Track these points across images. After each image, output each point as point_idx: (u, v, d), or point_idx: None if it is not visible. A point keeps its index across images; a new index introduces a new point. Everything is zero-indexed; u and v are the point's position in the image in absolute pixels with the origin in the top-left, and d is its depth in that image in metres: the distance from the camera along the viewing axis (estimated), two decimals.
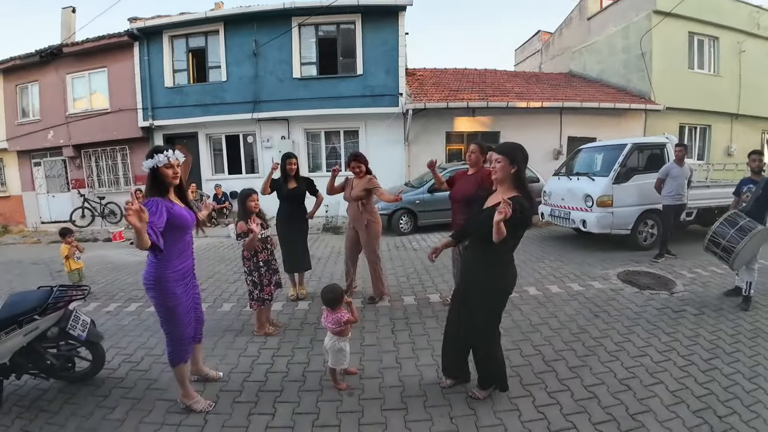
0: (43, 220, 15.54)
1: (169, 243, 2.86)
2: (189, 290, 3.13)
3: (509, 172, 2.82)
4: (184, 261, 3.07)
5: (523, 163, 2.84)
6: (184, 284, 3.06)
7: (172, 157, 2.91)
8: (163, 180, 2.91)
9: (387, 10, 12.66)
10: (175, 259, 2.96)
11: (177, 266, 2.97)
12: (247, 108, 13.16)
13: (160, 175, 2.90)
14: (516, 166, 2.81)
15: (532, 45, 23.64)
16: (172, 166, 2.93)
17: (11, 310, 3.23)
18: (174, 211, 2.87)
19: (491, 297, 2.94)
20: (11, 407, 3.30)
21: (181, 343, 3.08)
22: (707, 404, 3.08)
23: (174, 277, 2.94)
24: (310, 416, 3.03)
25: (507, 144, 2.95)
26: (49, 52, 14.02)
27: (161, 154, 2.87)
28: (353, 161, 5.19)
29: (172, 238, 2.89)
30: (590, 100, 13.73)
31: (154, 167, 2.88)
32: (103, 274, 7.54)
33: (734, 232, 4.82)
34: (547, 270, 6.65)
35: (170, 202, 2.91)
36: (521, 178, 2.84)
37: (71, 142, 14.42)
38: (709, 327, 4.43)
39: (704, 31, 14.77)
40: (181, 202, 3.08)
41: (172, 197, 3.00)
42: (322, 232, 10.78)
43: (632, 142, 7.91)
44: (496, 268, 2.88)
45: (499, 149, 2.90)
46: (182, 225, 2.95)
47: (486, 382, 3.17)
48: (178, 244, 2.97)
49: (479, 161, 4.63)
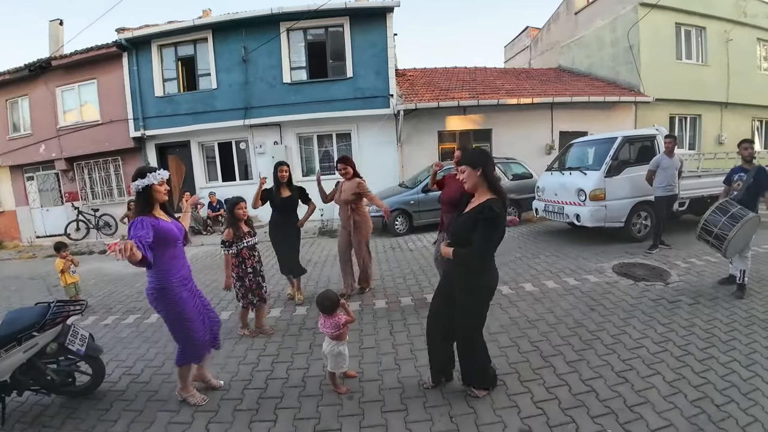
0: (38, 235, 15.45)
1: (162, 254, 2.97)
2: (194, 294, 3.24)
3: (476, 177, 2.90)
4: (181, 268, 3.16)
5: (485, 164, 2.90)
6: (188, 289, 3.17)
7: (164, 174, 3.08)
8: (153, 197, 3.04)
9: (375, 12, 12.71)
10: (171, 268, 3.07)
11: (176, 273, 3.09)
12: (239, 114, 13.15)
13: (152, 192, 3.03)
14: (479, 168, 2.88)
15: (521, 41, 23.72)
16: (163, 183, 3.09)
17: (10, 327, 3.23)
18: (160, 227, 2.97)
19: (472, 299, 2.98)
20: (14, 424, 3.30)
21: (193, 345, 3.20)
22: (705, 393, 3.10)
23: (176, 283, 3.07)
24: (312, 421, 3.04)
25: (466, 153, 3.11)
26: (37, 66, 13.95)
27: (152, 173, 3.01)
28: (340, 163, 5.55)
29: (162, 249, 2.99)
30: (580, 94, 13.78)
31: (148, 186, 3.00)
32: (99, 287, 7.52)
33: (726, 220, 4.86)
34: (542, 265, 6.68)
35: (155, 219, 3.01)
36: (491, 180, 2.90)
37: (63, 155, 14.34)
38: (705, 316, 4.47)
39: (691, 22, 14.86)
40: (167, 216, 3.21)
41: (158, 213, 3.11)
42: (317, 236, 10.78)
43: (622, 135, 7.96)
44: (475, 271, 2.93)
45: (461, 161, 3.07)
46: (170, 237, 3.06)
47: (471, 380, 3.21)
48: (169, 252, 3.07)
49: None
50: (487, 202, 2.81)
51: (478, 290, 2.96)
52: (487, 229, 2.75)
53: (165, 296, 3.03)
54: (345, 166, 5.50)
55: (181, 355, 3.22)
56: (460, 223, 2.97)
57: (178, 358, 3.25)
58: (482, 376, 3.19)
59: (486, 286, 2.99)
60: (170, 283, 3.04)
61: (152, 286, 3.04)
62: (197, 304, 3.27)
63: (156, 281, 3.03)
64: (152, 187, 3.02)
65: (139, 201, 3.02)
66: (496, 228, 2.78)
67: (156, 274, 3.02)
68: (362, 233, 5.60)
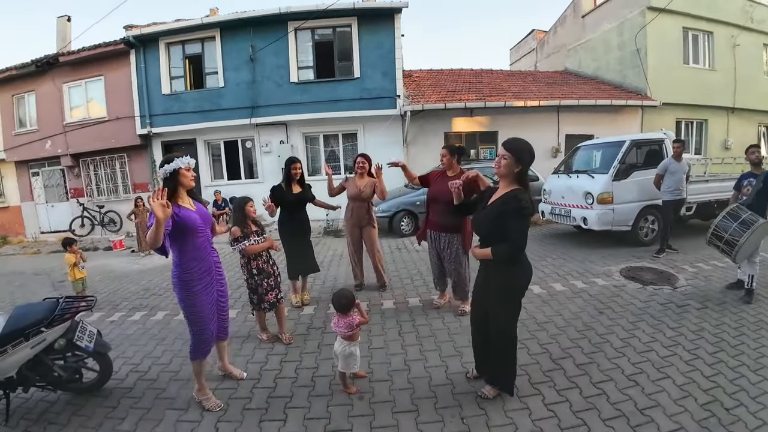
0: (42, 230, 15.50)
1: (183, 243, 2.99)
2: (210, 288, 3.22)
3: (513, 171, 2.83)
4: (201, 262, 3.13)
5: (528, 164, 2.86)
6: (205, 283, 3.15)
7: (191, 160, 3.09)
8: (180, 183, 3.04)
9: (383, 12, 12.70)
10: (191, 260, 3.07)
11: (193, 267, 3.07)
12: (245, 113, 13.16)
13: (179, 178, 3.02)
14: (521, 167, 2.83)
15: (527, 44, 23.67)
16: (190, 168, 3.09)
17: (17, 322, 3.21)
18: (180, 214, 2.94)
19: (507, 294, 2.97)
20: (18, 421, 3.29)
21: (201, 339, 3.20)
22: (714, 397, 3.11)
23: (192, 277, 3.07)
24: (322, 421, 3.04)
25: (516, 141, 2.87)
26: (45, 62, 14.00)
27: (176, 159, 3.00)
28: (360, 157, 5.60)
29: (183, 239, 3.00)
30: (587, 97, 13.76)
31: (175, 171, 2.99)
32: (105, 283, 7.54)
33: (737, 226, 4.84)
34: (549, 268, 6.67)
35: (177, 206, 2.97)
36: (523, 178, 2.87)
37: (69, 151, 14.39)
38: (713, 321, 4.46)
39: (698, 26, 14.80)
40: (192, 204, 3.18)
41: (182, 200, 3.09)
42: (322, 236, 10.77)
43: (630, 138, 7.94)
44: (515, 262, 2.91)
45: (507, 145, 2.86)
46: (190, 227, 3.01)
47: (496, 380, 3.19)
48: (190, 245, 3.06)
49: (452, 163, 4.74)
50: (512, 192, 2.80)
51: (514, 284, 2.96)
52: (517, 219, 2.73)
53: (181, 285, 3.07)
54: (364, 162, 5.56)
55: (193, 348, 3.24)
56: (483, 217, 2.96)
57: (190, 352, 3.27)
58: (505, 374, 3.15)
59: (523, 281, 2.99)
60: (187, 275, 3.05)
61: (173, 274, 3.11)
62: (211, 298, 3.24)
63: (175, 270, 3.08)
64: (179, 172, 3.02)
65: (166, 187, 2.95)
66: (525, 217, 2.76)
67: (176, 263, 3.06)
68: (375, 231, 5.70)
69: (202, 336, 3.20)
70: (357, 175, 5.60)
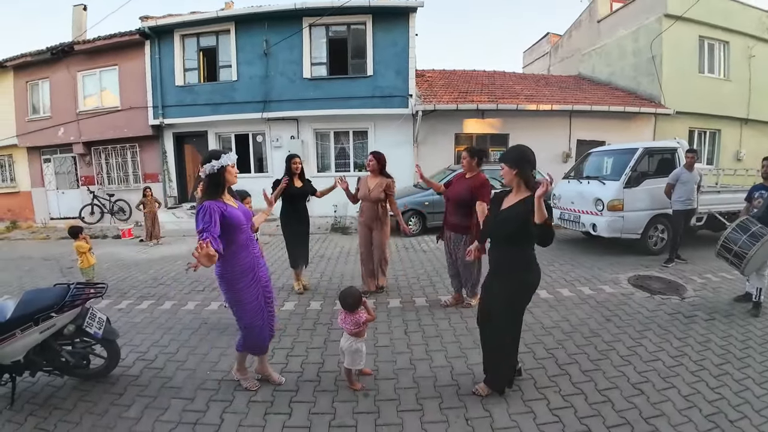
0: (52, 217, 15.64)
1: (228, 241, 2.93)
2: (256, 283, 3.18)
3: (513, 175, 2.98)
4: (247, 256, 3.11)
5: (521, 164, 2.96)
6: (250, 278, 3.12)
7: (234, 158, 3.04)
8: (224, 181, 3.00)
9: (398, 11, 12.68)
10: (241, 252, 3.05)
11: (243, 259, 3.06)
12: (257, 107, 13.20)
13: (225, 175, 2.98)
14: (516, 168, 2.96)
15: (541, 47, 23.59)
16: (234, 166, 3.05)
17: (27, 307, 3.23)
18: (228, 213, 2.92)
19: (515, 294, 3.02)
20: (23, 405, 3.31)
21: (254, 338, 3.22)
22: (719, 408, 3.09)
23: (240, 270, 3.05)
24: (327, 416, 3.05)
25: (510, 153, 3.12)
26: (60, 50, 14.09)
27: (223, 156, 2.96)
28: (371, 155, 5.50)
29: (229, 236, 2.94)
30: (600, 103, 13.65)
31: (222, 167, 2.95)
32: (113, 271, 7.59)
33: (746, 238, 4.81)
34: (557, 273, 6.66)
35: (223, 204, 2.95)
36: (527, 180, 2.96)
37: (81, 139, 14.49)
38: (720, 332, 4.44)
39: (714, 36, 14.68)
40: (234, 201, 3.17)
41: (226, 198, 3.06)
42: (330, 232, 10.77)
43: (643, 146, 7.89)
44: (521, 265, 2.99)
45: (503, 158, 3.10)
46: (235, 225, 2.99)
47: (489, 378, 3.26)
48: (236, 239, 3.02)
49: (472, 165, 4.80)
50: (530, 197, 2.82)
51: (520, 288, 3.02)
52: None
53: (229, 282, 3.05)
54: (372, 159, 5.44)
55: (242, 342, 3.28)
56: (502, 219, 3.01)
57: (238, 343, 3.31)
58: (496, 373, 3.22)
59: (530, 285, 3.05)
60: (236, 270, 3.04)
61: (218, 272, 3.06)
62: (259, 294, 3.20)
63: (222, 267, 3.03)
64: (225, 169, 2.98)
65: (210, 183, 2.97)
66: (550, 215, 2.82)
67: (222, 260, 2.96)
68: (385, 232, 5.59)
69: (253, 332, 3.21)
70: (370, 175, 5.57)
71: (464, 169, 4.90)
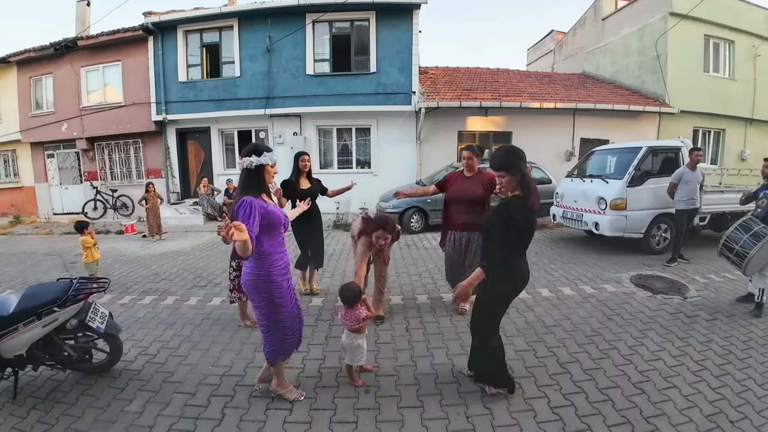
0: (55, 212, 15.68)
1: (267, 240, 2.86)
2: (291, 287, 3.11)
3: (517, 181, 2.81)
4: (284, 257, 3.03)
5: (521, 168, 2.82)
6: (288, 279, 3.04)
7: (274, 158, 2.95)
8: (262, 179, 2.91)
9: (401, 8, 12.62)
10: (276, 254, 2.94)
11: (278, 261, 2.95)
12: (260, 104, 13.20)
13: (263, 173, 2.90)
14: (519, 173, 2.81)
15: (545, 45, 23.51)
16: (274, 166, 2.97)
17: (30, 301, 3.25)
18: (268, 211, 2.83)
19: (489, 299, 3.04)
20: (26, 398, 3.34)
21: (282, 342, 3.07)
22: (720, 409, 3.10)
23: (277, 272, 2.93)
24: (328, 412, 3.06)
25: (499, 159, 2.91)
26: (63, 45, 14.09)
27: (265, 153, 2.87)
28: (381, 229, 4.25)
29: (268, 235, 2.87)
30: (604, 101, 13.60)
31: (261, 165, 2.87)
32: (116, 266, 7.61)
33: (748, 238, 4.81)
34: (559, 272, 6.65)
35: (264, 202, 2.87)
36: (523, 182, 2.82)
37: (85, 134, 14.52)
38: (722, 333, 4.43)
39: (720, 35, 14.61)
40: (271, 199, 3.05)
41: (265, 196, 2.95)
42: (332, 229, 10.79)
43: (647, 145, 7.87)
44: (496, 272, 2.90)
45: (495, 166, 2.89)
46: (276, 223, 2.90)
47: (482, 378, 3.29)
48: (275, 239, 2.94)
49: (475, 164, 4.75)
50: (506, 200, 2.81)
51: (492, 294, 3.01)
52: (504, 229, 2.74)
53: (264, 284, 2.88)
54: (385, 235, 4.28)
55: (269, 350, 3.08)
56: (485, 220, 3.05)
57: (268, 354, 3.10)
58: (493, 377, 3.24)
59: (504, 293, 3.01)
60: (273, 272, 2.90)
61: (252, 272, 2.88)
62: (293, 297, 3.12)
63: (257, 268, 2.87)
64: (264, 168, 2.89)
65: (249, 179, 2.88)
66: (512, 227, 2.71)
67: (257, 260, 2.85)
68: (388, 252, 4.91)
69: (282, 336, 3.05)
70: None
71: (467, 168, 4.79)
